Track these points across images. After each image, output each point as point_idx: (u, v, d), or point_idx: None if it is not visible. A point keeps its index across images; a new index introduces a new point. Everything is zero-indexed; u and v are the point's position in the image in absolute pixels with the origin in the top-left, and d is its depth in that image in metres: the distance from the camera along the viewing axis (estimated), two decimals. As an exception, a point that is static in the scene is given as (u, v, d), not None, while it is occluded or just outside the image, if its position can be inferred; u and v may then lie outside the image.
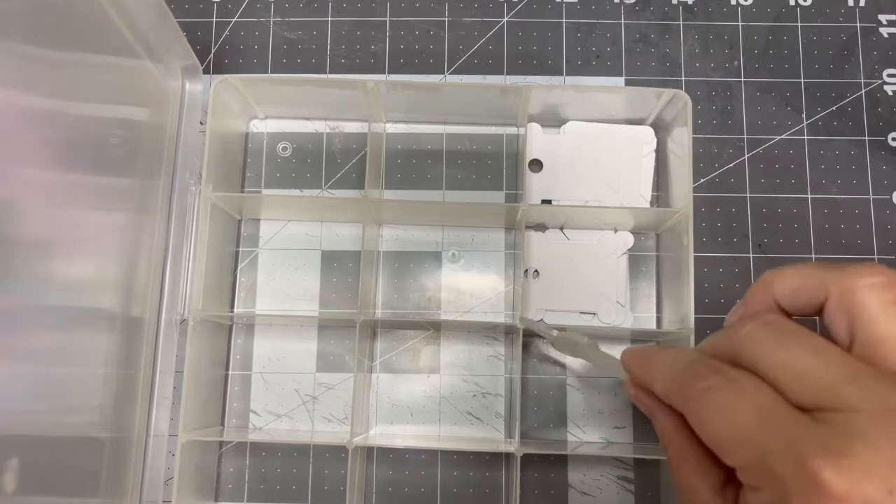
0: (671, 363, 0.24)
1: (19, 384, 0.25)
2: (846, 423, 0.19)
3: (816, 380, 0.20)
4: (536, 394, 0.36)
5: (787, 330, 0.21)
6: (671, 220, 0.35)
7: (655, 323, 0.36)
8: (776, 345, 0.21)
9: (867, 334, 0.21)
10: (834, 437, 0.19)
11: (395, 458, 0.36)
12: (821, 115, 0.38)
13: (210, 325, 0.34)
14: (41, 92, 0.26)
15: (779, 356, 0.20)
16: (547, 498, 0.35)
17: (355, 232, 0.37)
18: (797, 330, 0.21)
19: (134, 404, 0.33)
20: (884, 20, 0.39)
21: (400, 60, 0.39)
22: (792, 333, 0.21)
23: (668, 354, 0.25)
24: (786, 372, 0.20)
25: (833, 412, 0.19)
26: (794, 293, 0.23)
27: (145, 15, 0.31)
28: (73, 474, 0.29)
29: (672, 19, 0.39)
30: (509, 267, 0.37)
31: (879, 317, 0.21)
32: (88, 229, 0.29)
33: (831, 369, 0.20)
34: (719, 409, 0.21)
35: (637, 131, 0.37)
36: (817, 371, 0.20)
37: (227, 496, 0.35)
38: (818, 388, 0.19)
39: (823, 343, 0.20)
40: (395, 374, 0.36)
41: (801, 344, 0.20)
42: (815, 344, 0.20)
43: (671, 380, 0.24)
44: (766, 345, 0.21)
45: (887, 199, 0.37)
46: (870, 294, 0.21)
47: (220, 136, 0.35)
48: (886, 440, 0.18)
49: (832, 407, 0.19)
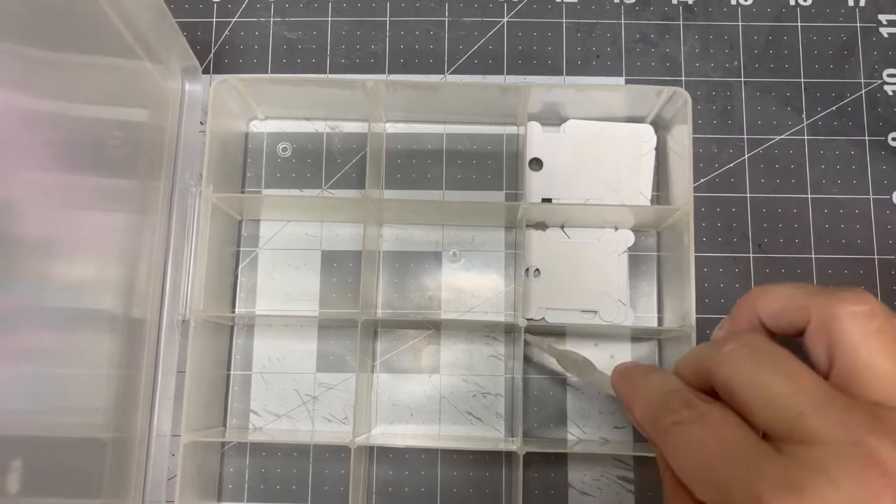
0: (649, 392, 0.24)
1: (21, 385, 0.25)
2: (809, 456, 0.18)
3: (787, 407, 0.19)
4: (537, 393, 0.36)
5: (765, 352, 0.21)
6: (672, 218, 0.35)
7: (656, 321, 0.36)
8: (752, 368, 0.20)
9: (846, 363, 0.20)
10: (794, 472, 0.18)
11: (395, 458, 0.36)
12: (821, 115, 0.38)
13: (211, 326, 0.35)
14: (41, 93, 0.25)
15: (753, 379, 0.20)
16: (547, 498, 0.35)
17: (355, 232, 0.37)
18: (776, 353, 0.21)
19: (136, 405, 0.33)
20: (884, 20, 0.39)
21: (400, 60, 0.39)
22: (769, 356, 0.20)
23: (647, 381, 0.24)
24: (758, 396, 0.20)
25: (798, 444, 0.19)
26: (778, 313, 0.23)
27: (144, 15, 0.31)
28: (75, 475, 0.29)
29: (672, 19, 0.39)
30: (510, 266, 0.37)
31: (860, 346, 0.20)
32: (89, 230, 0.29)
33: (802, 397, 0.19)
34: (687, 444, 0.21)
35: (637, 129, 0.37)
36: (789, 398, 0.19)
37: (228, 496, 0.35)
38: (788, 417, 0.19)
39: (800, 369, 0.20)
40: (396, 374, 0.36)
41: (777, 368, 0.20)
42: (791, 369, 0.20)
43: (647, 410, 0.23)
44: (743, 367, 0.20)
45: (887, 199, 0.37)
46: (852, 323, 0.20)
47: (220, 136, 0.35)
48: (846, 477, 0.18)
49: (799, 438, 0.19)
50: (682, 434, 0.21)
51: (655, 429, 0.22)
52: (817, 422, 0.19)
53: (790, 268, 0.37)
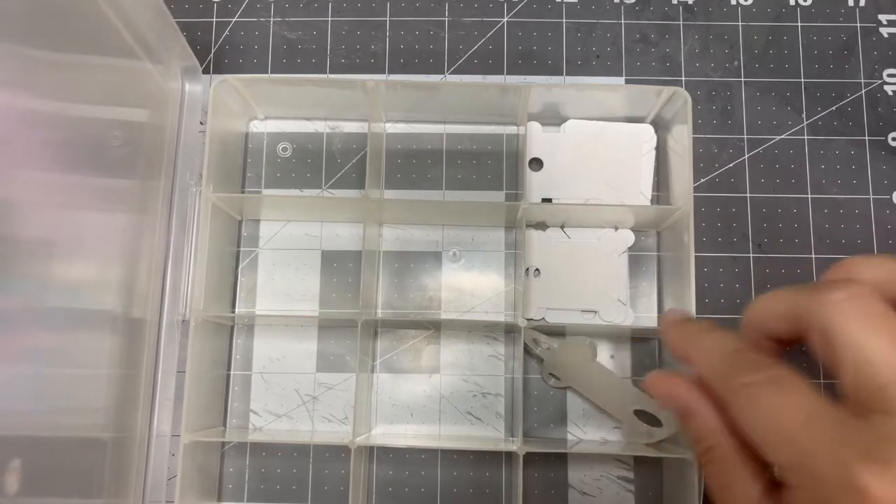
0: (712, 350, 0.24)
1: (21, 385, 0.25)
2: (893, 428, 0.19)
3: (881, 376, 0.19)
4: (536, 393, 0.36)
5: (876, 312, 0.20)
6: (672, 218, 0.35)
7: (656, 321, 0.36)
8: (860, 326, 0.20)
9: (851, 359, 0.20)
10: (878, 443, 0.19)
11: (395, 458, 0.36)
12: (821, 115, 0.38)
13: (211, 326, 0.35)
14: (41, 93, 0.26)
15: (858, 339, 0.20)
16: (547, 498, 0.35)
17: (355, 232, 0.37)
18: (886, 316, 0.20)
19: (136, 405, 0.33)
20: (884, 20, 0.39)
21: (400, 60, 0.39)
22: (880, 318, 0.20)
23: (709, 338, 0.24)
24: (857, 357, 0.20)
25: (882, 415, 0.19)
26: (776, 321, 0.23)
27: (144, 15, 0.31)
28: (75, 475, 0.29)
29: (672, 19, 0.39)
30: (510, 266, 0.37)
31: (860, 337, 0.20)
32: (89, 230, 0.29)
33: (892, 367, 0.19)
34: (761, 407, 0.21)
35: (637, 129, 0.37)
36: (883, 366, 0.19)
37: (228, 496, 0.35)
38: (874, 386, 0.19)
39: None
40: (396, 374, 0.36)
41: (885, 336, 0.20)
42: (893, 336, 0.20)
43: (715, 366, 0.23)
44: (851, 322, 0.20)
45: (887, 199, 0.37)
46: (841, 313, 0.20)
47: (220, 136, 0.35)
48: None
49: (881, 409, 0.19)
50: (756, 396, 0.21)
51: (725, 387, 0.22)
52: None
53: (790, 268, 0.37)
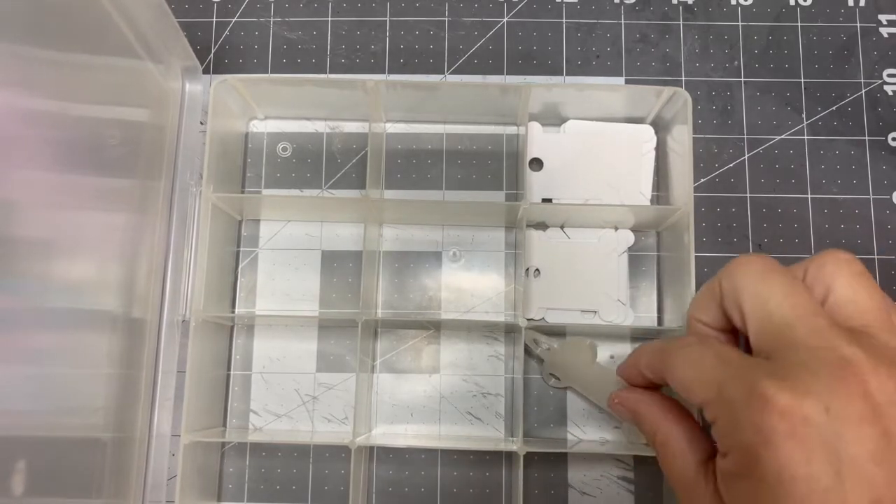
0: (656, 342, 0.29)
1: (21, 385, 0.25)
2: (793, 356, 0.22)
3: (781, 318, 0.23)
4: (536, 393, 0.36)
5: (772, 269, 0.25)
6: (672, 218, 0.35)
7: (656, 321, 0.36)
8: (758, 279, 0.24)
9: (836, 298, 0.24)
10: (780, 367, 0.22)
11: (395, 458, 0.36)
12: (821, 115, 0.38)
13: (211, 326, 0.34)
14: (41, 93, 0.26)
15: (757, 292, 0.24)
16: (547, 498, 0.35)
17: (355, 232, 0.37)
18: (781, 271, 0.25)
19: (136, 405, 0.33)
20: (884, 20, 0.39)
21: (400, 60, 0.39)
22: (776, 273, 0.24)
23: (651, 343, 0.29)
24: (756, 307, 0.24)
25: (785, 349, 0.23)
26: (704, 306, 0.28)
27: (145, 15, 0.31)
28: (75, 475, 0.29)
29: (672, 19, 0.39)
30: (510, 266, 0.37)
31: (846, 284, 0.24)
32: (89, 230, 0.29)
33: (794, 311, 0.23)
34: (689, 359, 0.25)
35: (637, 129, 0.37)
36: (784, 310, 0.23)
37: (228, 496, 0.35)
38: (780, 326, 0.23)
39: (800, 289, 0.24)
40: (396, 374, 0.36)
41: (778, 285, 0.24)
42: (792, 288, 0.24)
43: (655, 350, 0.28)
44: (749, 279, 0.25)
45: (887, 199, 0.37)
46: (837, 267, 0.25)
47: (221, 136, 0.35)
48: (826, 369, 0.21)
49: (786, 345, 0.23)
50: (685, 352, 0.25)
51: (662, 358, 0.27)
52: (802, 331, 0.23)
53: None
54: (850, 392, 0.21)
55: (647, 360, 0.28)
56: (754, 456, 0.21)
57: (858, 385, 0.21)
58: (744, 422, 0.22)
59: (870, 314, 0.24)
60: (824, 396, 0.21)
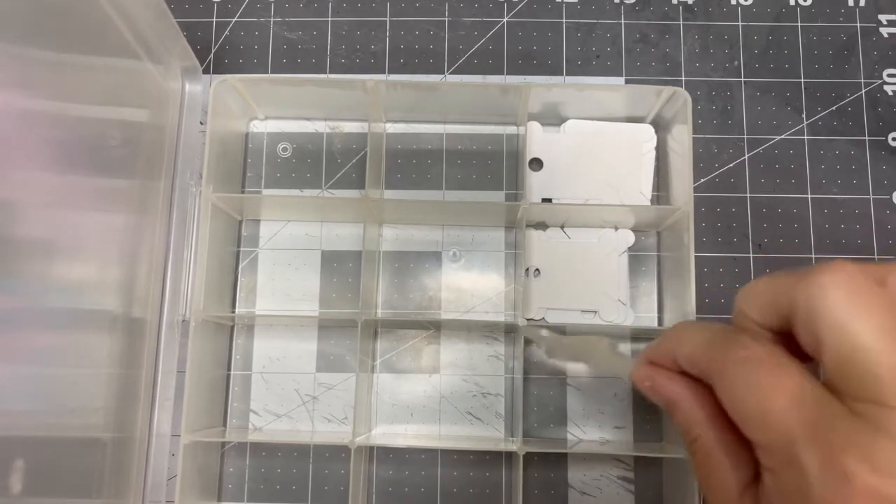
0: (701, 330, 0.23)
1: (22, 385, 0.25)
2: (881, 418, 0.18)
3: (871, 366, 0.18)
4: (536, 393, 0.36)
5: (864, 290, 0.19)
6: (672, 218, 0.35)
7: (656, 321, 0.36)
8: (845, 305, 0.19)
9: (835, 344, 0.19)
10: (868, 433, 0.18)
11: (395, 458, 0.36)
12: (821, 115, 0.38)
13: (211, 326, 0.35)
14: (41, 93, 0.26)
15: (844, 324, 0.19)
16: (547, 498, 0.35)
17: (355, 232, 0.37)
18: (876, 296, 0.19)
19: (136, 405, 0.33)
20: (884, 20, 0.39)
21: (400, 60, 0.39)
22: (871, 298, 0.19)
23: (696, 327, 0.24)
24: (843, 343, 0.19)
25: (872, 405, 0.18)
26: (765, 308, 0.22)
27: (145, 15, 0.31)
28: (75, 475, 0.29)
29: (672, 19, 0.39)
30: (510, 266, 0.37)
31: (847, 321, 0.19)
32: (89, 230, 0.29)
33: (888, 358, 0.18)
34: (746, 384, 0.20)
35: (637, 129, 0.37)
36: (876, 356, 0.18)
37: (228, 496, 0.35)
38: (867, 376, 0.19)
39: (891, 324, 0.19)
40: (396, 374, 0.36)
41: (874, 319, 0.19)
42: (884, 321, 0.19)
43: (701, 345, 0.22)
44: (838, 304, 0.19)
45: (887, 199, 0.37)
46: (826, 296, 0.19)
47: (221, 136, 0.35)
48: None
49: (870, 398, 0.19)
50: (750, 371, 0.20)
51: (713, 362, 0.21)
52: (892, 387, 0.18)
53: (790, 268, 0.37)
54: None
55: (689, 354, 0.23)
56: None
57: None
58: (813, 489, 0.19)
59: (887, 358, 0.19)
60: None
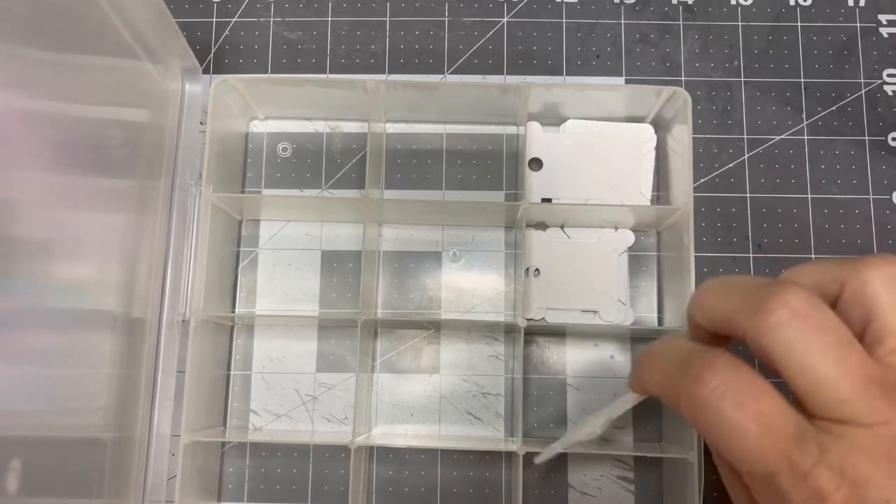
0: (663, 359, 0.23)
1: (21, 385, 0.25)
2: (848, 435, 0.19)
3: (833, 392, 0.20)
4: (536, 393, 0.36)
5: (817, 326, 0.20)
6: (672, 218, 0.35)
7: (656, 321, 0.36)
8: (803, 346, 0.20)
9: (878, 325, 0.21)
10: (835, 450, 0.19)
11: (394, 458, 0.36)
12: (821, 115, 0.38)
13: (211, 326, 0.35)
14: (41, 93, 0.25)
15: (803, 361, 0.20)
16: (547, 498, 0.35)
17: (355, 232, 0.37)
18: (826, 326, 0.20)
19: (136, 405, 0.33)
20: (884, 20, 0.39)
21: (400, 60, 0.39)
22: (821, 331, 0.20)
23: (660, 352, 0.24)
24: (805, 380, 0.20)
25: (838, 424, 0.20)
26: (813, 287, 0.22)
27: (144, 15, 0.31)
28: (75, 475, 0.29)
29: (672, 19, 0.39)
30: (510, 266, 0.37)
31: (889, 309, 0.21)
32: (89, 230, 0.29)
33: (848, 383, 0.20)
34: (721, 421, 0.20)
35: (637, 129, 0.37)
36: (836, 384, 0.20)
37: (228, 496, 0.35)
38: (832, 402, 0.20)
39: (846, 344, 0.20)
40: (396, 374, 0.36)
41: (827, 350, 0.20)
42: (840, 350, 0.20)
43: (664, 378, 0.23)
44: (794, 346, 0.20)
45: (887, 199, 0.37)
46: (882, 285, 0.21)
47: (220, 136, 0.35)
48: (885, 454, 0.19)
49: (838, 418, 0.20)
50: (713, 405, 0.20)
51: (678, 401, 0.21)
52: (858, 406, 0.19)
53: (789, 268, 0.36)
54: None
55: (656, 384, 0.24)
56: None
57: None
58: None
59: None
60: (885, 486, 0.19)
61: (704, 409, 0.20)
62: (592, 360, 0.36)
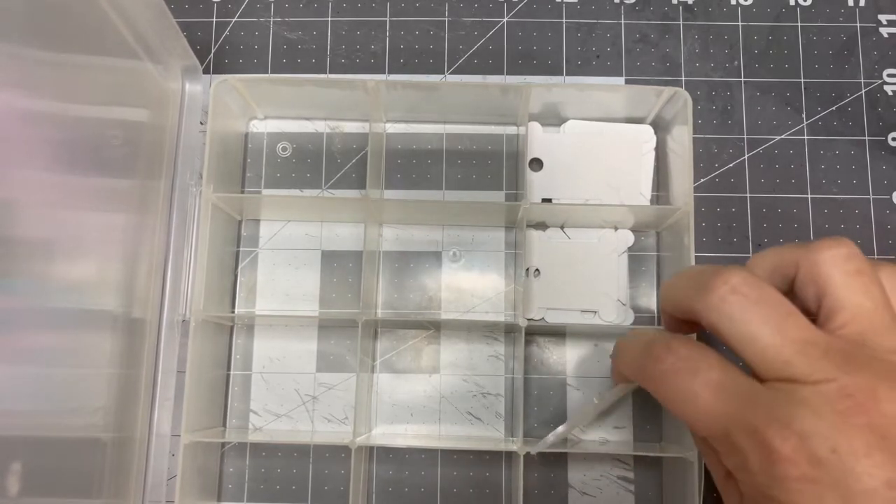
0: (627, 349, 0.27)
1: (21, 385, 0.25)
2: (794, 392, 0.21)
3: (776, 356, 0.22)
4: (536, 393, 0.36)
5: (756, 300, 0.22)
6: (672, 218, 0.35)
7: (656, 321, 0.36)
8: (743, 318, 0.22)
9: (829, 302, 0.23)
10: (782, 406, 0.21)
11: (395, 458, 0.36)
12: (821, 115, 0.38)
13: (211, 326, 0.35)
14: (41, 93, 0.25)
15: (745, 331, 0.22)
16: (547, 498, 0.35)
17: (355, 232, 0.37)
18: (765, 299, 0.22)
19: (136, 405, 0.33)
20: (884, 20, 0.39)
21: (400, 60, 0.39)
22: (760, 304, 0.22)
23: (628, 341, 0.27)
24: (750, 348, 0.22)
25: (784, 383, 0.22)
26: (773, 271, 0.25)
27: (145, 15, 0.31)
28: (75, 475, 0.29)
29: (672, 19, 0.39)
30: (510, 266, 0.37)
31: (840, 286, 0.23)
32: (89, 230, 0.29)
33: (789, 347, 0.22)
34: (678, 390, 0.23)
35: (637, 129, 0.37)
36: (778, 349, 0.22)
37: (228, 496, 0.35)
38: (776, 364, 0.22)
39: (786, 315, 0.22)
40: (396, 374, 0.36)
41: (767, 320, 0.22)
42: (779, 319, 0.22)
43: (633, 362, 0.26)
44: (736, 319, 0.22)
45: (887, 199, 0.37)
46: (833, 265, 0.23)
47: (221, 136, 0.35)
48: (827, 406, 0.21)
49: (785, 378, 0.22)
50: (671, 380, 0.23)
51: (644, 378, 0.25)
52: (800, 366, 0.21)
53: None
54: (854, 426, 0.20)
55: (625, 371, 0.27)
56: (769, 498, 0.21)
57: (861, 416, 0.20)
58: (753, 466, 0.21)
59: (866, 319, 0.22)
60: (830, 437, 0.20)
61: (664, 383, 0.24)
62: (592, 360, 0.36)
